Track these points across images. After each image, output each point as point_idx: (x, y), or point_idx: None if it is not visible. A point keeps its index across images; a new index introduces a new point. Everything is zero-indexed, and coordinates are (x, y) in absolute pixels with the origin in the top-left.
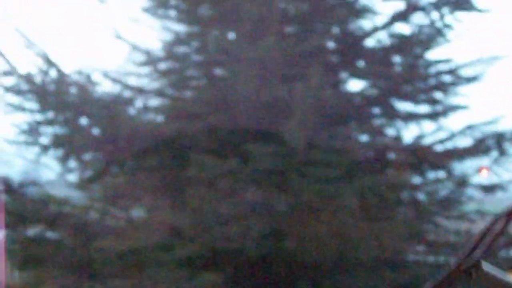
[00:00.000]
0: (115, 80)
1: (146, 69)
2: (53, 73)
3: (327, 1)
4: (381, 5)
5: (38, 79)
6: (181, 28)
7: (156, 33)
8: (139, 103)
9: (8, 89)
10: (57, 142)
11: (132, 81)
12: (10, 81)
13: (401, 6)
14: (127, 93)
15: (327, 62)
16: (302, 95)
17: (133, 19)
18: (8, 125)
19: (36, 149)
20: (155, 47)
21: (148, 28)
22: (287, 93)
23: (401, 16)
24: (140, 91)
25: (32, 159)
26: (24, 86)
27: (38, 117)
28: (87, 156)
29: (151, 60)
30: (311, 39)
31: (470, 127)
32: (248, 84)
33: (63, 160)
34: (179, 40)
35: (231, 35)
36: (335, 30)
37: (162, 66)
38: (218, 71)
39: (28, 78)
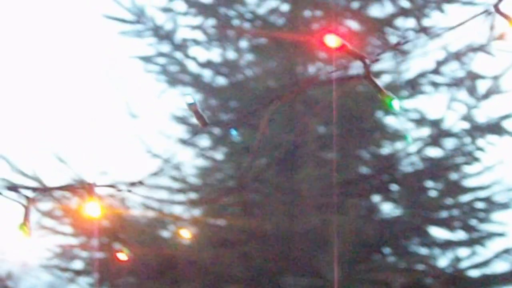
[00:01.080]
0: (151, 207)
1: (181, 196)
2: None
3: (361, 125)
4: (414, 130)
5: (73, 204)
6: (216, 155)
7: (190, 159)
8: (174, 228)
9: (43, 213)
10: (91, 267)
11: (168, 206)
12: (45, 205)
13: (433, 131)
14: (162, 218)
15: (362, 188)
16: (339, 227)
17: (164, 135)
18: (41, 249)
19: (68, 274)
20: (190, 173)
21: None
22: (323, 224)
23: (434, 141)
24: (176, 218)
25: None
26: (59, 212)
27: (72, 240)
28: (121, 282)
29: (187, 188)
30: (348, 167)
31: (506, 252)
32: (283, 213)
33: (96, 285)
34: (214, 167)
35: (264, 161)
36: (369, 154)
37: (198, 194)
38: (253, 199)
39: (65, 206)
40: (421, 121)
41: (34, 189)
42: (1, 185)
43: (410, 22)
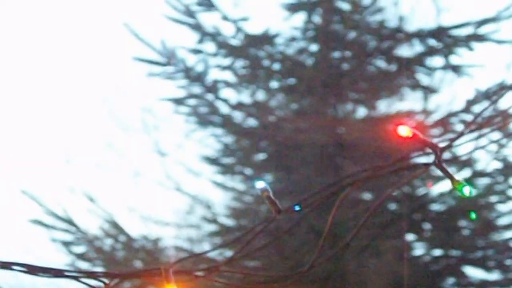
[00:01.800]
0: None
1: (217, 240)
2: (121, 238)
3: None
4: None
5: (106, 245)
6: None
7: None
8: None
9: (78, 256)
10: None
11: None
12: (79, 248)
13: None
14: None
15: (395, 228)
16: (375, 271)
17: (194, 172)
18: None
19: None
20: (222, 213)
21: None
22: (359, 266)
23: (467, 181)
24: (209, 260)
25: None
26: (93, 254)
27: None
28: None
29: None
30: (382, 207)
31: None
32: (315, 254)
33: None
34: (244, 210)
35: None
36: (402, 193)
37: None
38: (288, 241)
39: (97, 247)
40: (453, 161)
41: (112, 275)
42: (77, 272)
43: (439, 61)
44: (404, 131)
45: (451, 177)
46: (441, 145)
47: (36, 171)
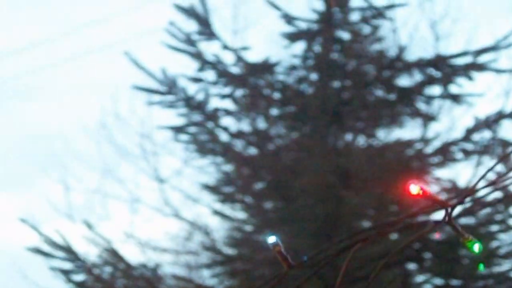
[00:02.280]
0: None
1: (217, 269)
2: (120, 266)
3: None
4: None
5: (105, 273)
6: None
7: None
8: None
9: (78, 285)
10: None
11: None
12: (79, 277)
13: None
14: None
15: (396, 257)
16: None
17: (193, 199)
18: None
19: None
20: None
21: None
22: None
23: (467, 210)
24: None
25: None
26: (93, 282)
27: None
28: None
29: (220, 261)
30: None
31: None
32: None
33: None
34: (244, 239)
35: (300, 232)
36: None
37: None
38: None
39: (96, 275)
40: (452, 190)
41: None
42: None
43: (438, 90)
44: (415, 189)
45: (461, 234)
46: (452, 202)
47: (35, 198)
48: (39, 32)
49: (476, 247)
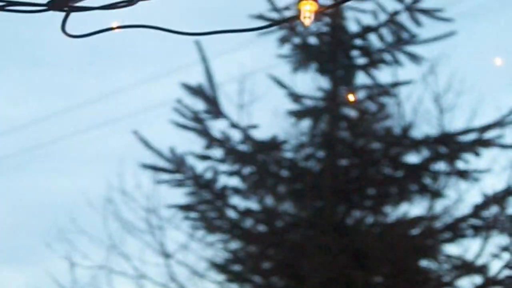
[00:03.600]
0: None
1: None
2: None
3: (405, 274)
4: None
5: None
6: None
7: None
8: None
9: None
10: None
11: None
12: None
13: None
14: None
15: None
16: None
17: (199, 274)
18: None
19: None
20: None
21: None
22: None
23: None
24: None
25: None
26: None
27: None
28: None
29: None
30: None
31: None
32: None
33: None
34: None
35: None
36: None
37: None
38: None
39: None
40: (463, 268)
41: None
42: None
43: (445, 166)
44: None
45: None
46: None
47: (39, 273)
48: (47, 106)
49: None
